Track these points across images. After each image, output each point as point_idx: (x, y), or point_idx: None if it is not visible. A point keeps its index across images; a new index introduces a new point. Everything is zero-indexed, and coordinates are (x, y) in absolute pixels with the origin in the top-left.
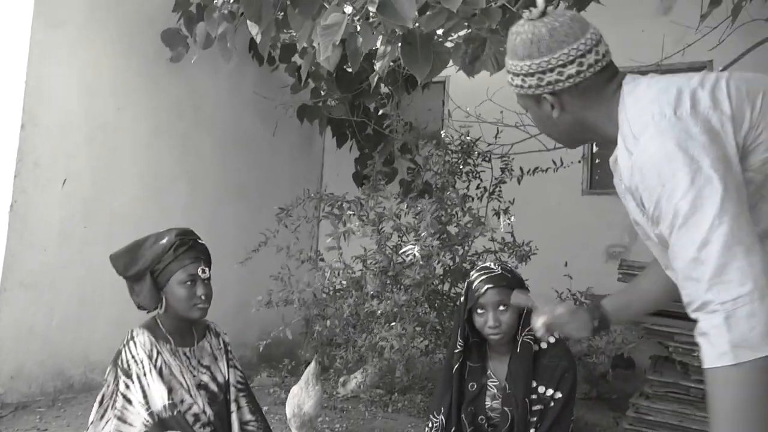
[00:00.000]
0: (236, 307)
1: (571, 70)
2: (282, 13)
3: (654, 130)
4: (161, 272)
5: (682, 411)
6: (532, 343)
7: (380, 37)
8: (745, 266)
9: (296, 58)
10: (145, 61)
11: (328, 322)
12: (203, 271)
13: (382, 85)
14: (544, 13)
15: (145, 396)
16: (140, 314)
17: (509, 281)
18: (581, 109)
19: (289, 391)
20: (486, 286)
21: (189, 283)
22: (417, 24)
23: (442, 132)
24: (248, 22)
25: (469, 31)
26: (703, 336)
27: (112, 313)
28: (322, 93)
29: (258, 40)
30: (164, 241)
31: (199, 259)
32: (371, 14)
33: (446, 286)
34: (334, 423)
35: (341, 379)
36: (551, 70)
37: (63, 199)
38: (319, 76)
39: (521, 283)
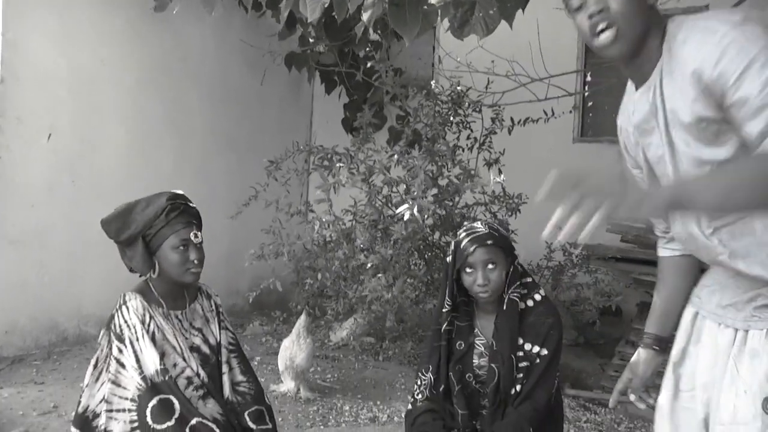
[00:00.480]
0: (227, 257)
1: None
2: None
3: (727, 25)
4: (153, 237)
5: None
6: (518, 300)
7: None
8: None
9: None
10: (128, 11)
11: (319, 275)
12: (195, 236)
13: (372, 31)
14: None
15: (137, 361)
16: None
17: (496, 239)
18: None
19: (281, 340)
20: (474, 245)
21: (182, 247)
22: None
23: (432, 82)
24: None
25: None
26: None
27: (102, 267)
28: (311, 40)
29: None
30: (155, 205)
31: (191, 224)
32: None
33: (437, 236)
34: (325, 373)
35: (332, 329)
36: None
37: (48, 155)
38: (307, 23)
39: (508, 241)
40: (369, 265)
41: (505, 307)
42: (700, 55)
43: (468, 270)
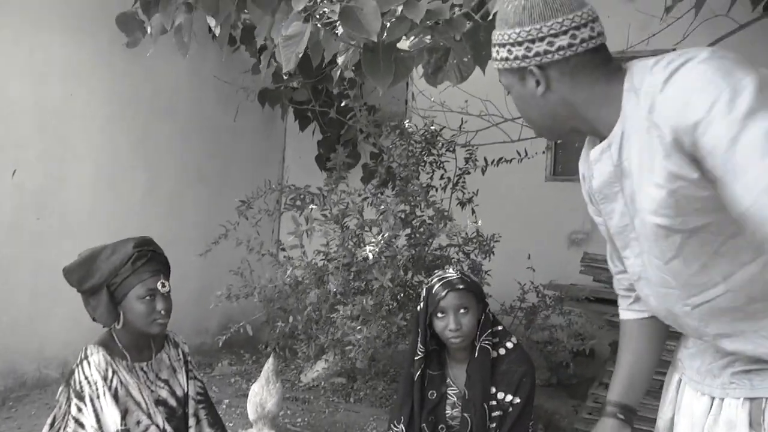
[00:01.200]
0: (196, 295)
1: (563, 41)
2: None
3: (694, 62)
4: (119, 286)
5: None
6: (489, 348)
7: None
8: None
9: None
10: (99, 43)
11: (291, 318)
12: (163, 285)
13: (346, 69)
14: None
15: (98, 420)
16: None
17: (468, 284)
18: (570, 89)
19: (250, 381)
20: (446, 290)
21: (148, 297)
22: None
23: (406, 121)
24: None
25: (431, 41)
26: None
27: (68, 307)
28: (284, 77)
29: (217, 32)
30: (121, 253)
31: (158, 273)
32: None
33: (409, 275)
34: (295, 416)
35: (302, 371)
36: (541, 39)
37: (13, 190)
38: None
39: (480, 287)
40: (343, 314)
41: (477, 354)
42: (665, 104)
43: (440, 315)
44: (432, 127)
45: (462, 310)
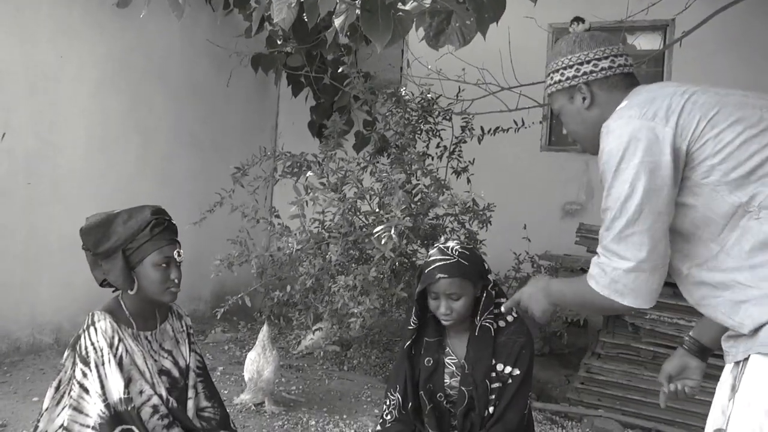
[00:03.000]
0: (190, 262)
1: (605, 63)
2: None
3: (620, 128)
4: (135, 251)
5: (631, 371)
6: (491, 327)
7: None
8: (641, 243)
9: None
10: (89, 3)
11: (288, 287)
12: (179, 254)
13: (341, 35)
14: (588, 30)
15: (102, 387)
16: (89, 275)
17: (464, 270)
18: (606, 103)
19: (244, 349)
20: (438, 275)
21: (164, 265)
22: None
23: (402, 89)
24: None
25: (432, 3)
26: (598, 264)
27: (59, 274)
28: (278, 42)
29: None
30: (139, 218)
31: (174, 242)
32: None
33: (404, 243)
34: (290, 385)
35: (299, 340)
36: (588, 62)
37: (3, 155)
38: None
39: (478, 268)
40: (344, 284)
41: (477, 333)
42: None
43: (432, 294)
44: (429, 95)
45: (454, 296)
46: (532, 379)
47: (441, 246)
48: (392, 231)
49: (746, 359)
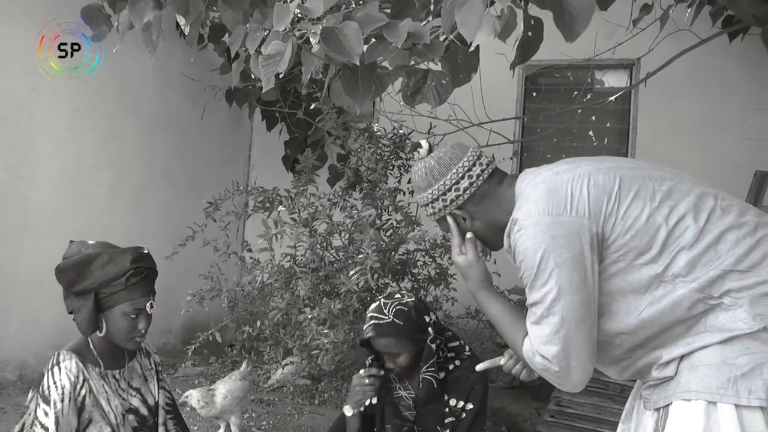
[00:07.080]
0: (160, 294)
1: (465, 183)
2: None
3: (533, 227)
4: (107, 297)
5: (601, 404)
6: (433, 380)
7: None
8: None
9: (226, 38)
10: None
11: (258, 322)
12: (151, 306)
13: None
14: (430, 151)
15: (57, 426)
16: (58, 311)
17: (398, 331)
18: (485, 213)
19: (214, 382)
20: (371, 334)
21: (133, 316)
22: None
23: (375, 124)
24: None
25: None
26: (532, 351)
27: (26, 309)
28: (252, 76)
29: (186, 31)
30: (118, 265)
31: (149, 293)
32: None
33: (375, 278)
34: (260, 420)
35: (268, 375)
36: (449, 190)
37: None
38: (249, 58)
39: (414, 328)
40: (311, 317)
41: (421, 385)
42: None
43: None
44: (401, 131)
45: (393, 353)
46: (486, 414)
47: (381, 301)
48: (367, 270)
49: (667, 405)
